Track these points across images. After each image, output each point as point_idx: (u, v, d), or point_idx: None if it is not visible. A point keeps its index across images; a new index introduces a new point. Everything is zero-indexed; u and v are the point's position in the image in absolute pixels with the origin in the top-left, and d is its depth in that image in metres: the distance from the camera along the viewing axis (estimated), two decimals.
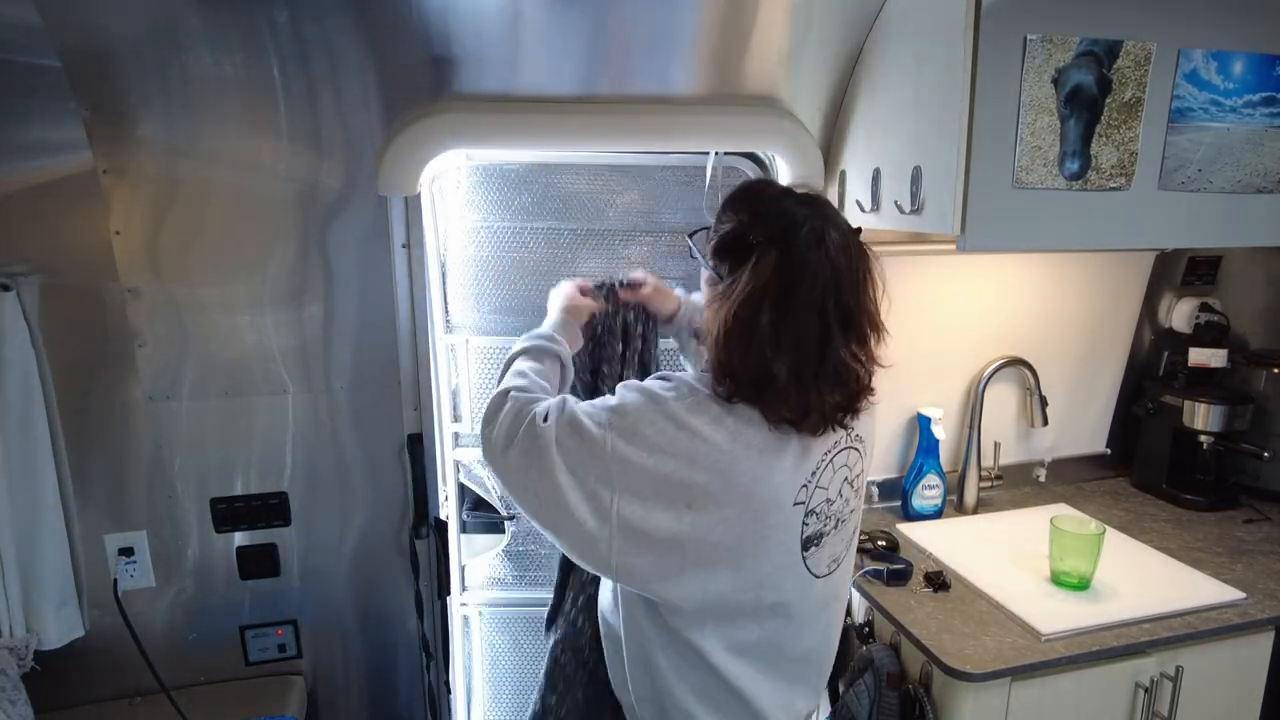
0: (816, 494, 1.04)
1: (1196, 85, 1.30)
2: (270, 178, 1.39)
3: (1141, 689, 1.38)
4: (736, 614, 1.05)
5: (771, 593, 1.04)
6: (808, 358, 0.96)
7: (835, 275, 0.97)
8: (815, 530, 1.05)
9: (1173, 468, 1.93)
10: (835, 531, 1.09)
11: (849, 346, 0.99)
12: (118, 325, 1.41)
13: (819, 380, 0.97)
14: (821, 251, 0.97)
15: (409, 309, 1.53)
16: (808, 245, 0.96)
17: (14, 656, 1.32)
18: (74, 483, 1.44)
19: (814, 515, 1.04)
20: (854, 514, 1.13)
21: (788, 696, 1.13)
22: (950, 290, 1.82)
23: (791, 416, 0.98)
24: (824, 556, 1.08)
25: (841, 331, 0.98)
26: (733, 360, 0.97)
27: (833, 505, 1.07)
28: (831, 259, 0.97)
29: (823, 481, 1.05)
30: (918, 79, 1.31)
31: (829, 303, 0.97)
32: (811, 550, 1.05)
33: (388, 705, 1.74)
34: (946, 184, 1.23)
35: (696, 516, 0.97)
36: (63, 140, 1.29)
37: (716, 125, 1.48)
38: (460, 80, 1.37)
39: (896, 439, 1.91)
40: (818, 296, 0.96)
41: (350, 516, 1.61)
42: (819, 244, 0.97)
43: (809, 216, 0.99)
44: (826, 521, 1.06)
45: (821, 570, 1.08)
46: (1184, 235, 1.43)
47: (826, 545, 1.08)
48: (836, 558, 1.11)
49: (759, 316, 0.95)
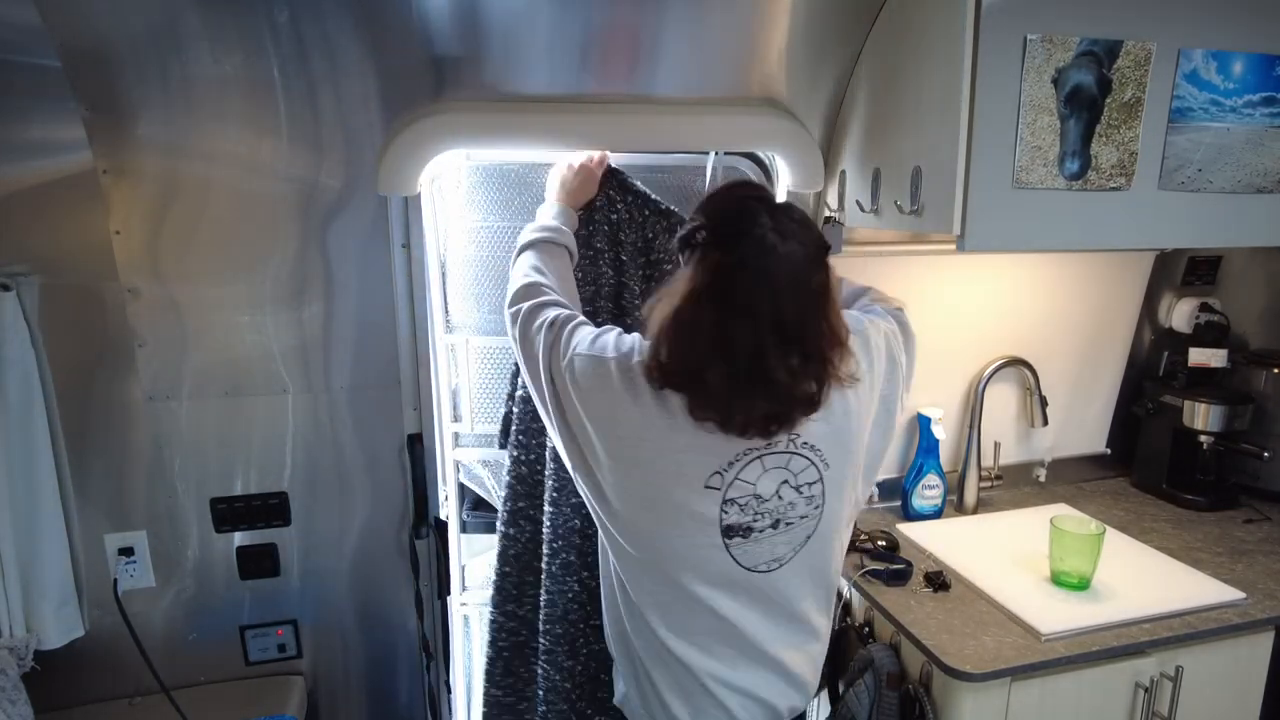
0: (736, 485, 1.07)
1: (1196, 85, 1.30)
2: (270, 177, 1.39)
3: (1141, 689, 1.38)
4: (663, 580, 1.13)
5: (693, 571, 1.11)
6: (738, 365, 0.98)
7: (777, 287, 0.97)
8: (739, 521, 1.09)
9: (1173, 468, 1.93)
10: (776, 532, 1.11)
11: (785, 360, 0.98)
12: (118, 325, 1.41)
13: (750, 389, 0.99)
14: (768, 261, 0.97)
15: (409, 309, 1.53)
16: (755, 252, 0.97)
17: (14, 656, 1.31)
18: (74, 483, 1.44)
19: (734, 505, 1.08)
20: (805, 520, 1.13)
21: (748, 683, 1.17)
22: (950, 290, 1.82)
23: (716, 418, 1.02)
24: (759, 552, 1.12)
25: (778, 344, 0.98)
26: (666, 354, 1.00)
27: (765, 503, 1.09)
28: (777, 270, 0.97)
29: (746, 475, 1.08)
30: (918, 79, 1.31)
31: (766, 313, 0.97)
32: (737, 540, 1.10)
33: (388, 705, 1.74)
34: (946, 184, 1.23)
35: (611, 463, 1.10)
36: (63, 140, 1.28)
37: (716, 125, 1.48)
38: (460, 80, 1.37)
39: (896, 439, 1.91)
40: (755, 305, 0.97)
41: (350, 516, 1.61)
42: (766, 253, 0.97)
43: (768, 225, 0.99)
44: (758, 517, 1.10)
45: (756, 565, 1.12)
46: (1184, 235, 1.43)
47: (763, 542, 1.11)
48: (779, 558, 1.13)
49: (697, 316, 0.98)
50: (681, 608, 1.14)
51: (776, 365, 0.98)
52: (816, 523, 1.14)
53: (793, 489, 1.10)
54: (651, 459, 1.08)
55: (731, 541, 1.10)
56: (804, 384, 1.00)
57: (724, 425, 1.02)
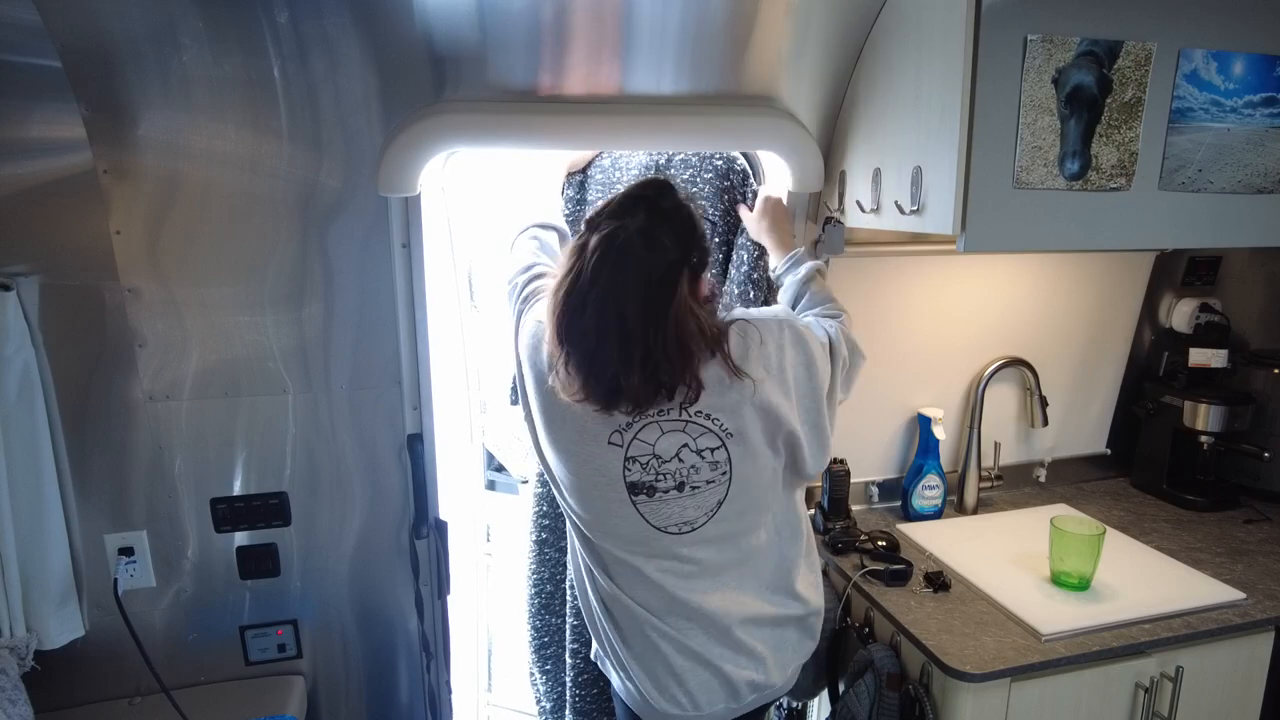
0: (636, 445, 1.17)
1: (1197, 85, 1.30)
2: (270, 177, 1.39)
3: (1141, 689, 1.38)
4: (592, 532, 1.24)
5: (605, 523, 1.23)
6: (588, 349, 1.07)
7: (619, 283, 1.05)
8: (641, 479, 1.19)
9: (1173, 468, 1.93)
10: (682, 495, 1.20)
11: (624, 352, 1.06)
12: (118, 325, 1.41)
13: (597, 371, 1.08)
14: (614, 255, 1.05)
15: (409, 309, 1.52)
16: (606, 245, 1.06)
17: (14, 656, 1.31)
18: (74, 482, 1.44)
19: (635, 463, 1.18)
20: (713, 486, 1.21)
21: (696, 645, 1.25)
22: (950, 290, 1.82)
23: (583, 395, 1.11)
24: (667, 513, 1.21)
25: (617, 344, 1.06)
26: (556, 323, 1.10)
27: (665, 464, 1.18)
28: (621, 267, 1.05)
29: (644, 435, 1.17)
30: (918, 79, 1.31)
31: (607, 307, 1.05)
32: (642, 498, 1.19)
33: (388, 705, 1.74)
34: (947, 184, 1.23)
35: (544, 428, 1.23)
36: (63, 140, 1.28)
37: (717, 125, 1.48)
38: (460, 80, 1.37)
39: (896, 439, 1.91)
40: (597, 295, 1.05)
41: (350, 516, 1.61)
42: (617, 249, 1.06)
43: (635, 226, 1.07)
44: (660, 478, 1.19)
45: (667, 526, 1.21)
46: (1184, 235, 1.43)
47: (669, 504, 1.20)
48: (690, 521, 1.22)
49: (558, 295, 1.08)
50: (618, 568, 1.25)
51: (611, 361, 1.07)
52: (726, 488, 1.21)
53: (693, 453, 1.19)
54: (566, 418, 1.19)
55: (637, 499, 1.19)
56: (636, 378, 1.08)
57: (586, 399, 1.12)
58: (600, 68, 1.41)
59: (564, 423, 1.20)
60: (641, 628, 1.27)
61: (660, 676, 1.27)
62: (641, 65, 1.41)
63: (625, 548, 1.25)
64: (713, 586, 1.26)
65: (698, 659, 1.26)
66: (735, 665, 1.27)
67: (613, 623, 1.30)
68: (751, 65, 1.45)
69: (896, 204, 1.35)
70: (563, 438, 1.22)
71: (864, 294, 1.75)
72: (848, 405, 1.81)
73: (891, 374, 1.84)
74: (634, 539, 1.23)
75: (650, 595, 1.25)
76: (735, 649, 1.27)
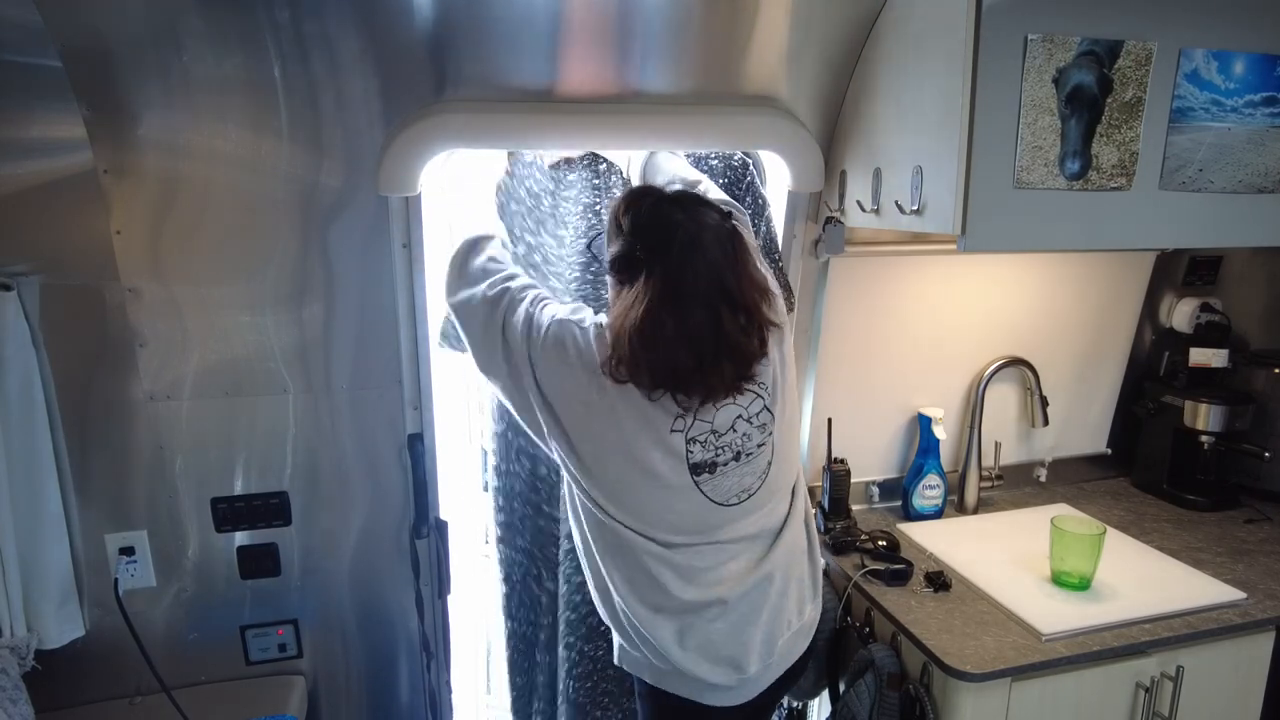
0: (696, 425, 1.21)
1: (1197, 85, 1.30)
2: (271, 178, 1.39)
3: (1142, 689, 1.38)
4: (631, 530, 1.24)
5: (662, 517, 1.23)
6: (705, 344, 1.12)
7: (713, 268, 1.13)
8: (704, 459, 1.22)
9: (1173, 468, 1.93)
10: (738, 464, 1.24)
11: (737, 321, 1.14)
12: (119, 325, 1.41)
13: (717, 360, 1.13)
14: (697, 252, 1.13)
15: (409, 309, 1.52)
16: (685, 250, 1.12)
17: (15, 656, 1.31)
18: (75, 482, 1.44)
19: (697, 443, 1.21)
20: (763, 450, 1.26)
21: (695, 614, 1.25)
22: (951, 290, 1.82)
23: (701, 397, 1.16)
24: (727, 486, 1.24)
25: (730, 311, 1.13)
26: (641, 359, 1.13)
27: (722, 437, 1.22)
28: (707, 256, 1.13)
29: (702, 415, 1.21)
30: (918, 79, 1.31)
31: (714, 292, 1.12)
32: (704, 476, 1.22)
33: (388, 705, 1.74)
34: (947, 184, 1.23)
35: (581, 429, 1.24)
36: (63, 140, 1.28)
37: (717, 125, 1.48)
38: (460, 80, 1.37)
39: (897, 439, 1.91)
40: (702, 290, 1.12)
41: (351, 516, 1.61)
42: (694, 245, 1.13)
43: (682, 221, 1.14)
44: (720, 452, 1.22)
45: (727, 499, 1.24)
46: (1185, 235, 1.43)
47: (730, 475, 1.23)
48: (748, 489, 1.25)
49: (662, 321, 1.11)
50: (641, 562, 1.25)
51: (733, 329, 1.13)
52: (771, 446, 1.27)
53: (746, 421, 1.24)
54: (614, 419, 1.21)
55: (700, 478, 1.22)
56: (758, 335, 1.16)
57: (706, 401, 1.17)
58: (601, 67, 1.41)
59: (603, 424, 1.21)
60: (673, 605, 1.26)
61: (708, 652, 1.26)
62: (642, 65, 1.41)
63: (678, 536, 1.24)
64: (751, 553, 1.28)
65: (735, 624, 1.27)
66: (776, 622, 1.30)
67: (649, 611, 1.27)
68: (752, 65, 1.45)
69: (897, 204, 1.35)
70: (602, 436, 1.22)
71: (864, 294, 1.75)
72: (848, 404, 1.82)
73: (892, 374, 1.84)
74: (689, 528, 1.24)
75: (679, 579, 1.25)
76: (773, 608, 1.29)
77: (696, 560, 1.24)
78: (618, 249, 1.18)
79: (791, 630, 1.32)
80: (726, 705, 1.30)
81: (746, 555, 1.27)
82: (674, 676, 1.29)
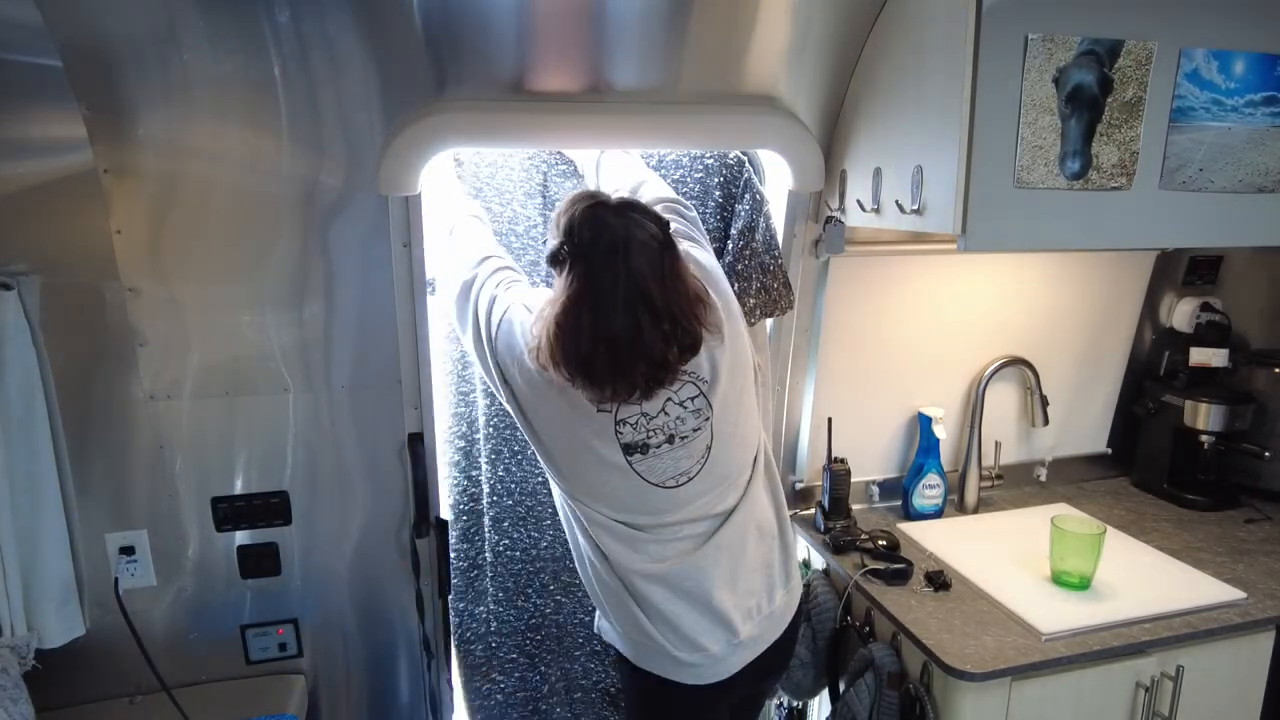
0: (624, 407, 1.23)
1: (1198, 85, 1.30)
2: (271, 177, 1.39)
3: (1142, 689, 1.38)
4: (585, 497, 1.29)
5: (603, 494, 1.28)
6: (620, 346, 1.14)
7: (635, 275, 1.14)
8: (634, 440, 1.25)
9: (1174, 467, 1.93)
10: (673, 447, 1.26)
11: (659, 328, 1.15)
12: (119, 324, 1.41)
13: (635, 363, 1.15)
14: (619, 257, 1.14)
15: (409, 309, 1.52)
16: (609, 255, 1.15)
17: (15, 655, 1.31)
18: (75, 481, 1.44)
19: (627, 425, 1.24)
20: (699, 434, 1.27)
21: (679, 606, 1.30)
22: (951, 290, 1.82)
23: (613, 395, 1.17)
24: (662, 468, 1.26)
25: (652, 319, 1.14)
26: (556, 351, 1.16)
27: (653, 420, 1.25)
28: (630, 262, 1.14)
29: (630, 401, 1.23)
30: (919, 78, 1.31)
31: (635, 298, 1.14)
32: (637, 457, 1.25)
33: (388, 705, 1.75)
34: (947, 184, 1.23)
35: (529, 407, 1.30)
36: (63, 140, 1.28)
37: (717, 125, 1.48)
38: (460, 80, 1.37)
39: (897, 438, 1.91)
40: (622, 295, 1.14)
41: (351, 516, 1.61)
42: (618, 250, 1.15)
43: (612, 226, 1.16)
44: (651, 434, 1.25)
45: (664, 480, 1.27)
46: (1185, 235, 1.43)
47: (664, 457, 1.26)
48: (686, 472, 1.27)
49: (579, 320, 1.14)
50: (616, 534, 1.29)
51: (653, 337, 1.14)
52: (711, 431, 1.28)
53: (677, 405, 1.26)
54: (549, 398, 1.26)
55: (633, 459, 1.25)
56: (674, 347, 1.16)
57: (614, 398, 1.18)
58: (601, 67, 1.41)
59: (548, 404, 1.27)
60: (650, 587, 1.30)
61: (683, 631, 1.30)
62: (643, 64, 1.41)
63: (624, 515, 1.29)
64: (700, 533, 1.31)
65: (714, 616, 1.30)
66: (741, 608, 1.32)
67: (624, 589, 1.32)
68: (752, 64, 1.45)
69: (897, 203, 1.35)
70: (550, 416, 1.28)
71: (864, 293, 1.75)
72: (848, 404, 1.82)
73: (892, 373, 1.84)
74: (634, 507, 1.28)
75: (648, 555, 1.30)
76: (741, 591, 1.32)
77: (649, 538, 1.29)
78: (551, 245, 1.23)
79: (762, 615, 1.34)
80: (696, 684, 1.32)
81: (694, 537, 1.31)
82: (646, 651, 1.34)
